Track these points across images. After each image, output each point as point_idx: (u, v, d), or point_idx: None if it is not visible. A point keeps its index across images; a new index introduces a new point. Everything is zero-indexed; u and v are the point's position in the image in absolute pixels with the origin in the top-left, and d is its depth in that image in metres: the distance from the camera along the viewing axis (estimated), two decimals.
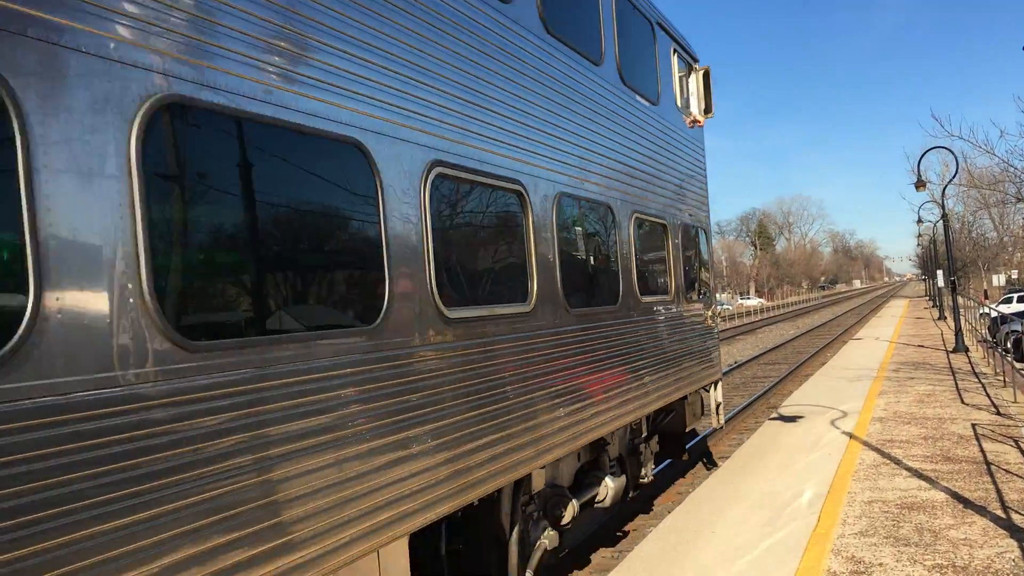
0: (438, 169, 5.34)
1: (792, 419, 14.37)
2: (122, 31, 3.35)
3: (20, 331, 2.90)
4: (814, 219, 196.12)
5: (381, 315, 4.73)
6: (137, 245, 3.31)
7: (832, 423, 13.59)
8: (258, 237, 4.15)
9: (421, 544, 5.63)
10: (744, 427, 16.71)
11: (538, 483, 7.01)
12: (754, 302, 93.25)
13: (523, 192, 6.47)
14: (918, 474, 9.73)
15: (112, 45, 3.31)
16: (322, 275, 4.67)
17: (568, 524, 7.50)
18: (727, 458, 12.28)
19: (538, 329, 6.60)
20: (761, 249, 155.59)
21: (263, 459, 3.84)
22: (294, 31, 4.26)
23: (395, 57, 5.04)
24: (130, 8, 3.40)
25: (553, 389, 6.69)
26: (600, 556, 9.28)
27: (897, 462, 10.41)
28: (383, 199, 4.79)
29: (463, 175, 5.67)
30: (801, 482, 9.75)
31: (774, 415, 15.30)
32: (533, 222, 6.58)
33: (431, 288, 5.18)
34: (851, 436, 12.30)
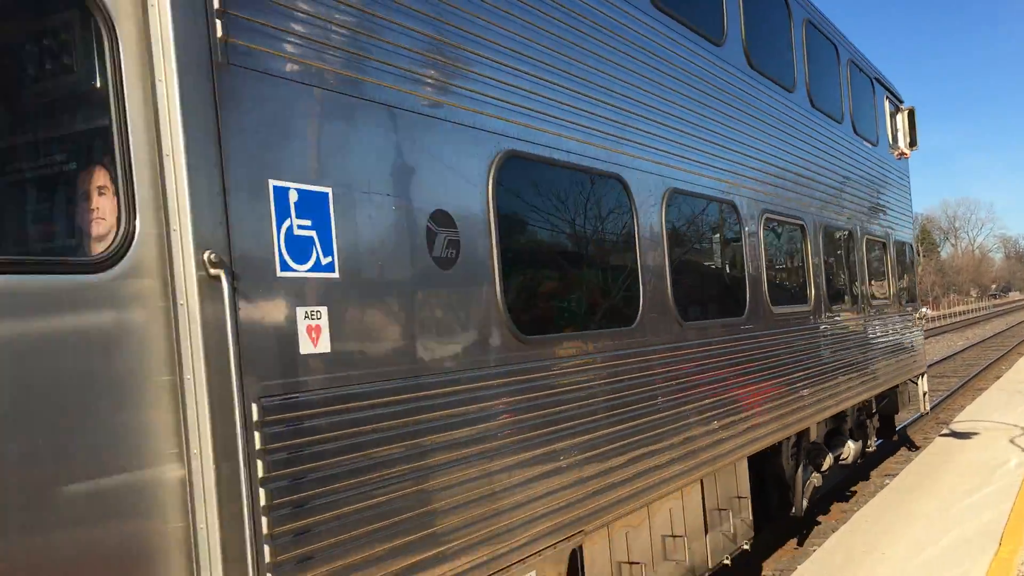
0: (767, 215, 8.20)
1: (965, 436, 13.50)
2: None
3: (639, 313, 5.79)
4: (983, 223, 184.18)
5: (746, 310, 7.52)
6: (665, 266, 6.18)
7: (1011, 441, 12.68)
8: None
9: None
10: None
11: (813, 434, 9.22)
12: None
13: (803, 226, 9.21)
14: None
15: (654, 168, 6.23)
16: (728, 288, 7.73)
17: (825, 471, 9.61)
18: (894, 476, 11.71)
19: (814, 322, 9.19)
20: (924, 256, 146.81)
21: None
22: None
23: (765, 156, 8.26)
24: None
25: (824, 365, 9.26)
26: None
27: None
28: (745, 236, 7.69)
29: (778, 217, 8.56)
30: (978, 503, 9.17)
31: (945, 431, 14.43)
32: (810, 246, 9.20)
33: (766, 294, 7.92)
34: None
